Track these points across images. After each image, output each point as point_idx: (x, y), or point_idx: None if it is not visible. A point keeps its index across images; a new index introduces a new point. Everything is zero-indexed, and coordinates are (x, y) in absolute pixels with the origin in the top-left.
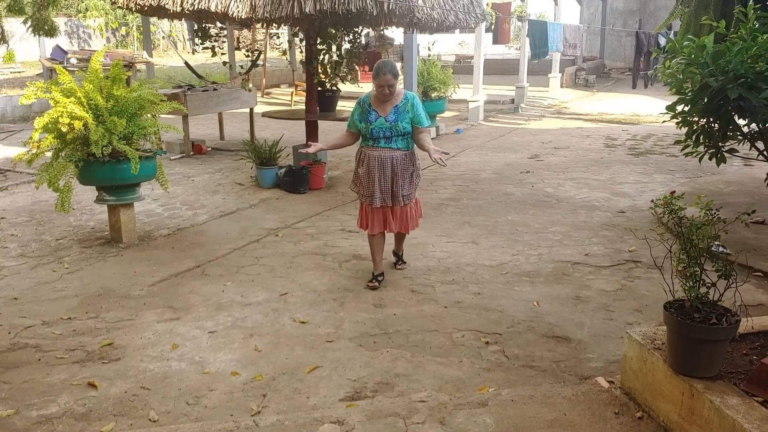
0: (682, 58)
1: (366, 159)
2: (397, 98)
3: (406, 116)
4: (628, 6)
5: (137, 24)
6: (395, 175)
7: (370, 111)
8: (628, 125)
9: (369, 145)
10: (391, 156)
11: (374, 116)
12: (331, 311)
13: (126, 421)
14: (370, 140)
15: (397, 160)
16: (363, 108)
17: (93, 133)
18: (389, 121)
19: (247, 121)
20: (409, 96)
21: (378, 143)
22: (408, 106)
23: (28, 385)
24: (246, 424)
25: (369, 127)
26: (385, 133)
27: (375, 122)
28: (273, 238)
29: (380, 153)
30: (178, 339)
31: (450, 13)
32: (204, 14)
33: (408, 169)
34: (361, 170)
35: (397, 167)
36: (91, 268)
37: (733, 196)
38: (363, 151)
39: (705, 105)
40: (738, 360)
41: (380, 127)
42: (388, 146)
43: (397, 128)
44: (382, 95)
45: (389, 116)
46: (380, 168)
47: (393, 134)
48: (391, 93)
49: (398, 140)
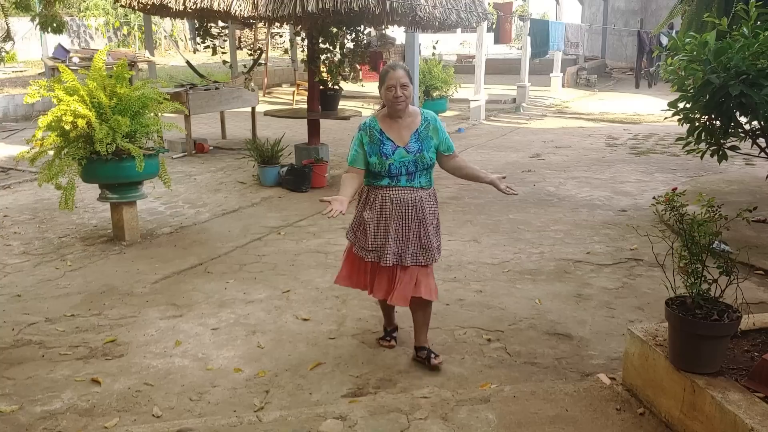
0: (684, 55)
1: (380, 203)
2: (413, 120)
3: (430, 143)
4: (630, 6)
5: (139, 23)
6: (421, 221)
7: (384, 140)
8: (629, 125)
9: (384, 185)
10: (414, 198)
11: (390, 147)
12: (333, 308)
13: (129, 416)
14: (385, 178)
15: (421, 202)
16: (371, 136)
17: (98, 131)
18: (412, 152)
19: (248, 120)
20: (428, 116)
21: (397, 182)
22: (431, 130)
23: (31, 381)
24: (249, 420)
25: (385, 162)
26: (408, 169)
27: (393, 155)
28: (275, 236)
29: (401, 195)
30: (181, 336)
31: (452, 11)
32: (206, 13)
33: (434, 213)
34: (368, 215)
35: (423, 212)
36: (94, 266)
37: (734, 195)
38: (374, 193)
39: (706, 102)
40: (739, 356)
41: (401, 161)
42: (410, 185)
43: (423, 161)
44: (395, 103)
45: (411, 145)
46: (400, 215)
47: (417, 168)
48: (405, 99)
49: (422, 176)
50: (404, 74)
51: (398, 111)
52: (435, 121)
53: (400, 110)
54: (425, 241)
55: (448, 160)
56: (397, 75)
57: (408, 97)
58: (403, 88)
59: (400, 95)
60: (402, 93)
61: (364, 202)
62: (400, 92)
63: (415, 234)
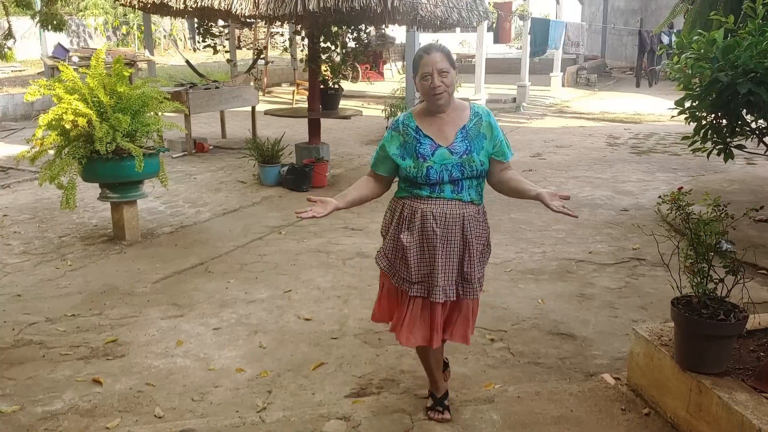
0: (692, 53)
1: (420, 222)
2: (460, 115)
3: (481, 143)
4: (630, 5)
5: (138, 23)
6: (467, 245)
7: (421, 138)
8: (630, 124)
9: (424, 197)
10: (461, 214)
11: (429, 146)
12: (335, 308)
13: (131, 417)
14: (424, 187)
15: (469, 220)
16: (405, 134)
17: (98, 130)
18: (458, 153)
19: (248, 120)
20: (480, 111)
21: (441, 192)
22: (483, 127)
23: (32, 382)
24: (252, 420)
25: (423, 165)
26: (452, 175)
27: (433, 156)
28: (276, 235)
29: (445, 209)
30: (182, 336)
31: (453, 10)
32: (207, 11)
33: (482, 235)
34: (405, 238)
35: (469, 232)
36: (95, 266)
37: (736, 194)
38: (412, 208)
39: (714, 100)
40: (745, 356)
41: (444, 164)
42: (457, 197)
43: (472, 165)
44: (434, 96)
45: (456, 144)
46: (445, 235)
47: (465, 175)
48: (446, 89)
49: (470, 186)
50: (442, 57)
51: (439, 105)
52: (488, 117)
53: (441, 104)
54: (467, 270)
55: (500, 170)
56: (432, 59)
57: (450, 85)
58: (442, 75)
59: (438, 85)
60: (441, 82)
61: (399, 219)
62: (438, 81)
63: (456, 260)
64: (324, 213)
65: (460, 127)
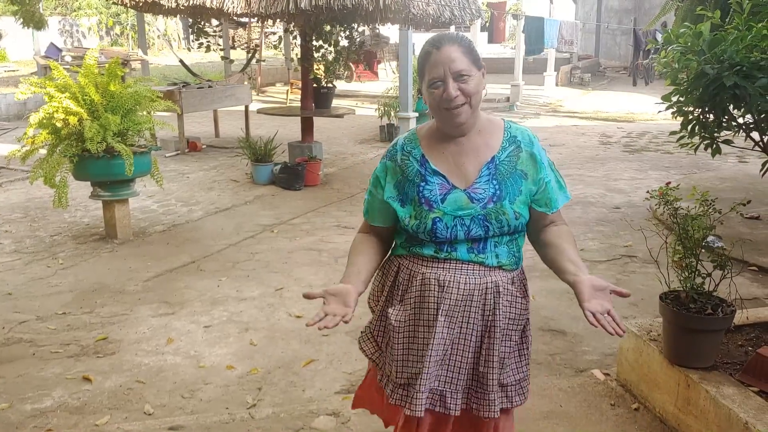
0: (678, 46)
1: (418, 291)
2: (488, 141)
3: (518, 185)
4: (623, 5)
5: (132, 23)
6: (491, 331)
7: (427, 174)
8: (623, 123)
9: (426, 257)
10: (484, 284)
11: (439, 187)
12: None
13: (121, 414)
14: (428, 245)
15: (496, 294)
16: (405, 167)
17: (87, 129)
18: (481, 200)
19: (242, 119)
20: (519, 135)
21: (450, 251)
22: (522, 159)
23: (22, 380)
24: (242, 417)
25: (428, 215)
26: (471, 232)
27: (444, 203)
28: (268, 234)
29: (457, 274)
30: (173, 333)
31: (445, 9)
32: (199, 10)
33: (517, 318)
34: (394, 315)
35: (495, 312)
36: (86, 264)
37: (727, 192)
38: (407, 269)
39: (700, 94)
40: (733, 351)
41: (459, 216)
42: (478, 259)
43: (502, 218)
44: (450, 113)
45: (479, 187)
46: (453, 313)
47: (490, 233)
48: (467, 100)
49: (499, 244)
50: (460, 53)
51: (456, 126)
52: (531, 146)
53: (459, 125)
54: (484, 371)
55: (542, 225)
56: (445, 56)
57: (472, 94)
58: (461, 79)
59: (454, 95)
60: (458, 90)
61: (392, 287)
62: (453, 89)
63: (470, 353)
64: (349, 314)
65: (487, 159)
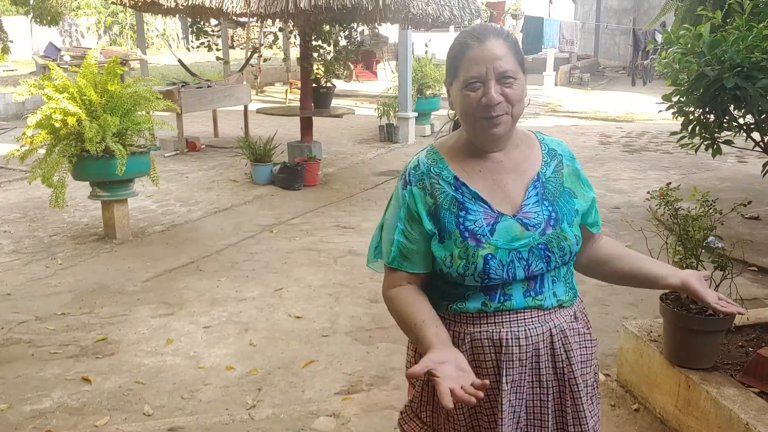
0: (679, 47)
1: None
2: (528, 156)
3: (570, 203)
4: (622, 5)
5: (130, 22)
6: (564, 383)
7: (465, 200)
8: (622, 123)
9: (472, 312)
10: (548, 331)
11: (484, 215)
12: (326, 306)
13: (120, 415)
14: (476, 296)
15: (563, 337)
16: (435, 194)
17: (87, 130)
18: (537, 226)
19: (241, 119)
20: (557, 148)
21: (503, 300)
22: (567, 174)
23: (21, 380)
24: (241, 418)
25: (477, 252)
26: (531, 267)
27: (494, 235)
28: (267, 234)
29: (516, 329)
30: (172, 334)
31: (445, 8)
32: (198, 10)
33: (590, 356)
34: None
35: (568, 359)
36: (85, 264)
37: (727, 192)
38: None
39: (701, 95)
40: (734, 352)
41: (515, 249)
42: (536, 304)
43: (563, 245)
44: (487, 120)
45: (530, 210)
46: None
47: (551, 264)
48: (508, 108)
49: (557, 279)
50: (506, 50)
51: (495, 139)
52: (573, 159)
53: (498, 137)
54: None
55: (591, 244)
56: (489, 52)
57: (516, 102)
58: (505, 82)
59: (497, 100)
60: (502, 94)
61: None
62: (496, 94)
63: (553, 417)
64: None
65: (532, 177)
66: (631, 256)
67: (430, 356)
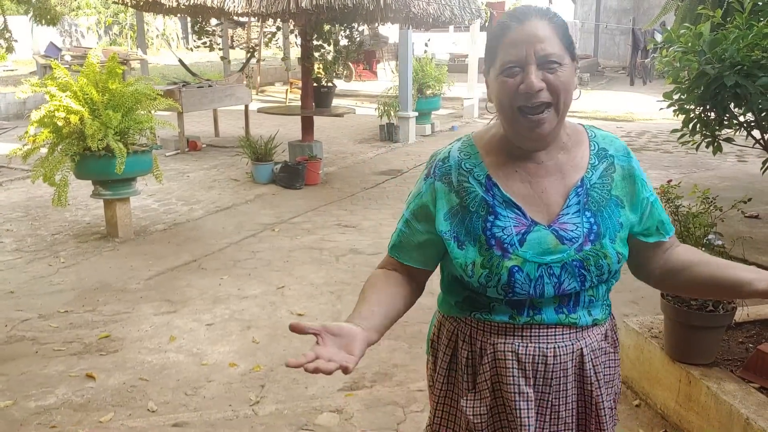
0: (679, 46)
1: (488, 368)
2: (573, 157)
3: (616, 215)
4: (622, 4)
5: (131, 22)
6: (597, 410)
7: (496, 203)
8: (622, 122)
9: (499, 323)
10: (578, 351)
11: (514, 222)
12: (328, 304)
13: (125, 411)
14: (501, 310)
15: (591, 358)
16: (461, 192)
17: (88, 127)
18: (574, 240)
19: (242, 118)
20: (608, 145)
21: (533, 314)
22: (617, 179)
23: (25, 377)
24: (245, 414)
25: (502, 264)
26: (563, 285)
27: (523, 245)
28: (269, 232)
29: (543, 345)
30: (175, 331)
31: (445, 8)
32: (200, 9)
33: (614, 383)
34: (469, 406)
35: (594, 380)
36: (88, 263)
37: (727, 190)
38: (471, 340)
39: (701, 93)
40: (734, 347)
41: (547, 264)
42: (569, 320)
43: (602, 263)
44: (528, 113)
45: (568, 220)
46: (547, 398)
47: (586, 283)
48: (553, 98)
49: (595, 299)
50: (551, 32)
51: (536, 139)
52: (628, 158)
53: (540, 137)
54: None
55: (662, 254)
56: (531, 32)
57: (562, 92)
58: (549, 67)
59: (538, 87)
60: (542, 84)
61: (452, 366)
62: (537, 81)
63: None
64: (352, 362)
65: (575, 182)
66: (711, 262)
67: (331, 324)
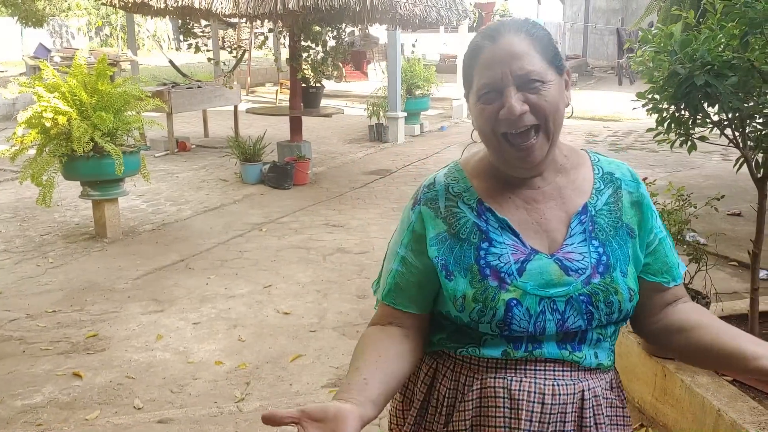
0: (651, 46)
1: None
2: (574, 180)
3: (626, 245)
4: (611, 5)
5: (121, 23)
6: None
7: (491, 230)
8: (609, 122)
9: (494, 358)
10: (579, 394)
11: (512, 250)
12: (314, 302)
13: (111, 409)
14: (496, 342)
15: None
16: (450, 219)
17: (75, 129)
18: (581, 271)
19: (231, 119)
20: (615, 169)
21: (532, 348)
22: (625, 207)
23: (12, 376)
24: (230, 410)
25: (498, 296)
26: (567, 320)
27: (522, 275)
28: (257, 232)
29: (541, 384)
30: (162, 330)
31: (432, 9)
32: (188, 11)
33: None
34: None
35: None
36: (76, 263)
37: (711, 189)
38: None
39: (673, 92)
40: None
41: (545, 294)
42: (573, 359)
43: (612, 299)
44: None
45: (573, 246)
46: None
47: (594, 321)
48: (537, 121)
49: (603, 339)
50: (529, 47)
51: (524, 164)
52: (636, 184)
53: (531, 165)
54: None
55: (664, 301)
56: (505, 50)
57: (549, 114)
58: (532, 87)
59: (519, 111)
60: (524, 107)
61: (431, 405)
62: (518, 104)
63: None
64: None
65: (577, 208)
66: (713, 326)
67: (311, 407)
